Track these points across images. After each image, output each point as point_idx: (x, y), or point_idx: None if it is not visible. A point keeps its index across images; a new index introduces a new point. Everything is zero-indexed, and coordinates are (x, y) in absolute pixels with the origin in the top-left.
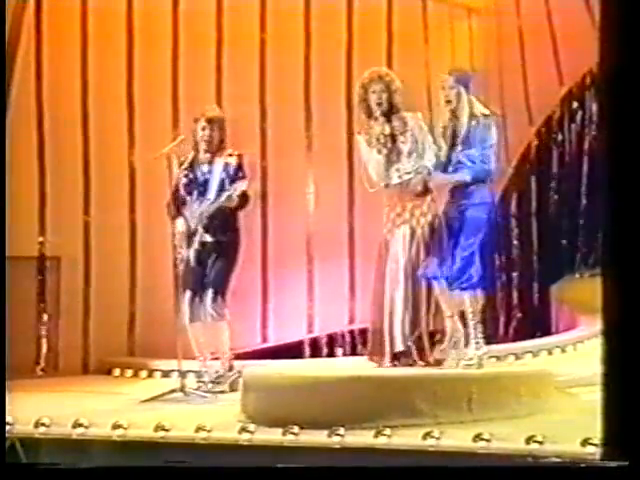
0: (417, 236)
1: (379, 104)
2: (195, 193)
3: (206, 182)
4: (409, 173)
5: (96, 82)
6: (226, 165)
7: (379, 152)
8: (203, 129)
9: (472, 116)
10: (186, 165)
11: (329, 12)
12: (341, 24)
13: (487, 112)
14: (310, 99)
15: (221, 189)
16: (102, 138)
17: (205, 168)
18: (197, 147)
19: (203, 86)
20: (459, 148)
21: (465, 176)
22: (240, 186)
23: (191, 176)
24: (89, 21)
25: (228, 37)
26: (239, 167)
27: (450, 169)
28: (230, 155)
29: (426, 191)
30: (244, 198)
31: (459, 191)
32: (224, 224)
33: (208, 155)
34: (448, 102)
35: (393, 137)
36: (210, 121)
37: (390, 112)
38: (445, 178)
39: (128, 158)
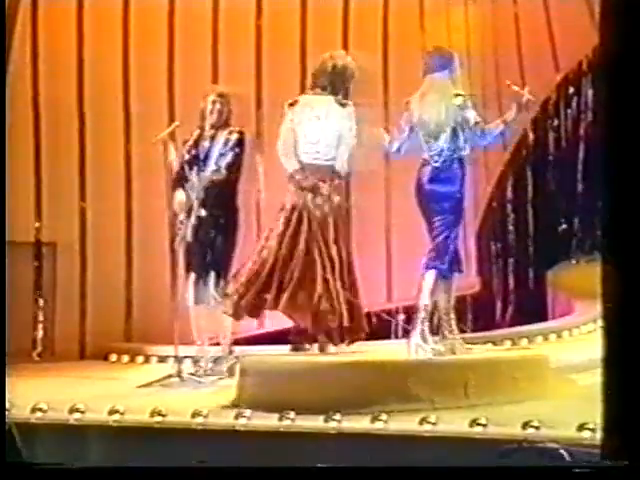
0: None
1: None
2: (196, 168)
3: (206, 157)
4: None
5: (92, 70)
6: (227, 141)
7: None
8: (213, 103)
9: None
10: (191, 142)
11: None
12: (337, 9)
13: (462, 92)
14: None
15: (218, 167)
16: (98, 124)
17: (207, 144)
18: (203, 124)
19: (198, 74)
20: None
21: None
22: (227, 158)
23: (194, 152)
24: (85, 5)
25: (224, 24)
26: (239, 143)
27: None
28: (231, 132)
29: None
30: (233, 171)
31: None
32: (219, 198)
33: (212, 131)
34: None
35: None
36: (221, 95)
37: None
38: None
39: (124, 144)
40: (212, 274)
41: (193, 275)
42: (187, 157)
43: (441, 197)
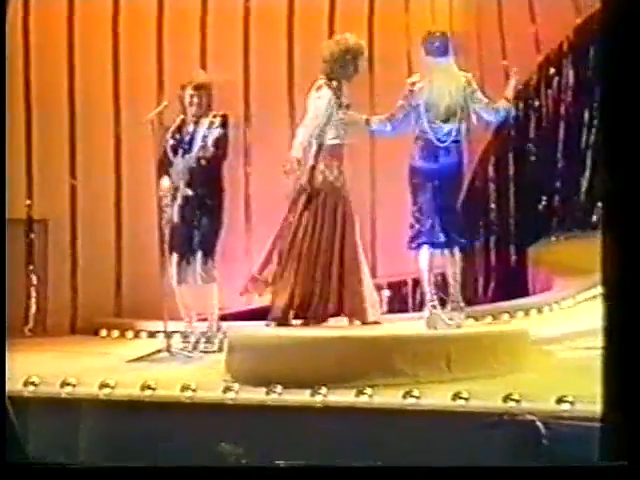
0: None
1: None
2: (180, 152)
3: (191, 141)
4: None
5: (82, 52)
6: (210, 124)
7: None
8: (191, 97)
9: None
10: (173, 128)
11: None
12: None
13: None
14: (293, 70)
15: (203, 145)
16: (88, 104)
17: (191, 128)
18: (185, 111)
19: (187, 54)
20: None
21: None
22: (213, 134)
23: (178, 137)
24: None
25: (212, 7)
26: (223, 125)
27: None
28: (215, 116)
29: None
30: (219, 148)
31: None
32: (204, 178)
33: (194, 118)
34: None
35: None
36: (198, 88)
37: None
38: None
39: (113, 123)
40: (199, 254)
41: (175, 255)
42: (171, 142)
43: (444, 174)
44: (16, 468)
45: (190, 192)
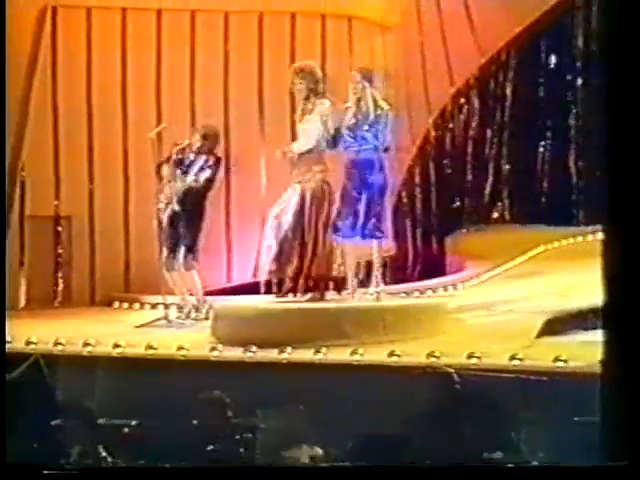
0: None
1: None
2: (179, 171)
3: (189, 167)
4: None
5: (99, 83)
6: (206, 161)
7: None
8: (198, 142)
9: (375, 106)
10: (179, 148)
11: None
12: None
13: (386, 106)
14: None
15: (196, 179)
16: (103, 126)
17: (192, 157)
18: (191, 145)
19: (180, 87)
20: (361, 129)
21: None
22: (205, 174)
23: (181, 156)
24: (93, 36)
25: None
26: (216, 165)
27: (355, 146)
28: (213, 156)
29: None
30: (209, 183)
31: (358, 163)
32: (191, 200)
33: (196, 151)
34: (355, 93)
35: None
36: (205, 137)
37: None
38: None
39: (122, 140)
40: (182, 249)
41: (165, 250)
42: (175, 157)
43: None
44: (16, 468)
45: (177, 208)
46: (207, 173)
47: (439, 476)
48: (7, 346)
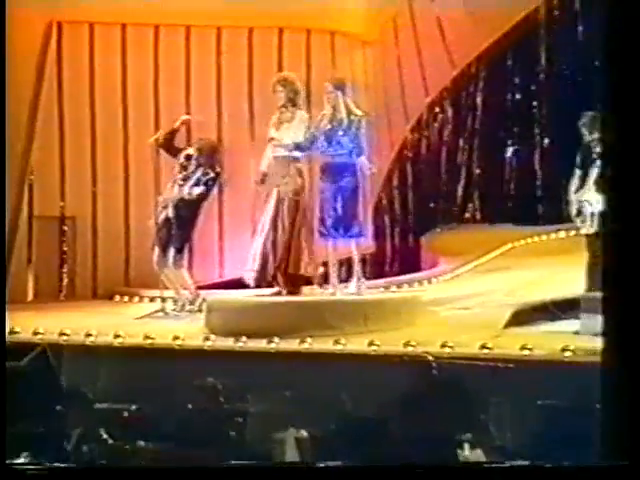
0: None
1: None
2: (179, 178)
3: (188, 178)
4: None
5: (101, 92)
6: (205, 174)
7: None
8: (196, 153)
9: (349, 113)
10: (184, 154)
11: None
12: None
13: (359, 112)
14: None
15: (191, 189)
16: (105, 133)
17: (193, 167)
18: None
19: (176, 95)
20: (336, 134)
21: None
22: (199, 189)
23: (185, 163)
24: (95, 49)
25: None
26: (213, 179)
27: (331, 150)
28: (212, 170)
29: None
30: (201, 197)
31: (334, 166)
32: (187, 208)
33: (197, 162)
34: (329, 102)
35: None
36: (200, 150)
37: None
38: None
39: (123, 147)
40: (172, 250)
41: (157, 250)
42: (179, 161)
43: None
44: (16, 468)
45: (172, 214)
46: (201, 189)
47: (433, 475)
48: (16, 336)
